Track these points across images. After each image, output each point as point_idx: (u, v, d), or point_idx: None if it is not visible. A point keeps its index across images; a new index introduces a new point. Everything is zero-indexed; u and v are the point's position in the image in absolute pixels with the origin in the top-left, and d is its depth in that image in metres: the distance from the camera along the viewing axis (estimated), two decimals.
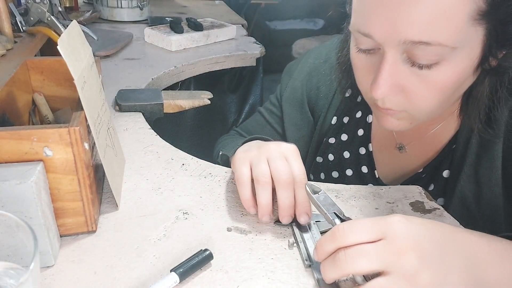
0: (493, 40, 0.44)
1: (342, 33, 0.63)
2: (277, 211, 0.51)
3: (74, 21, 0.48)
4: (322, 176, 0.74)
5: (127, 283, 0.41)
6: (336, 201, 0.56)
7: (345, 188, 0.59)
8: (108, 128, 0.53)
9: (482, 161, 0.55)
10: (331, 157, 0.72)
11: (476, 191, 0.56)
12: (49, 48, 1.01)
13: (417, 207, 0.55)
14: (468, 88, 0.51)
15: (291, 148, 0.52)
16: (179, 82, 1.12)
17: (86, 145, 0.43)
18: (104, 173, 0.49)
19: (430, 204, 0.55)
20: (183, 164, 0.62)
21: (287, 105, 0.76)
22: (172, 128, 1.22)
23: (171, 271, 0.41)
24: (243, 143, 0.61)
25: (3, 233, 0.33)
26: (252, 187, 0.50)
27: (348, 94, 0.69)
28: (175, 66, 1.07)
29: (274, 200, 0.50)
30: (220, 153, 0.69)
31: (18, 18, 0.96)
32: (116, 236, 0.47)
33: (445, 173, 0.60)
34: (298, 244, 0.47)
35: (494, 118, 0.53)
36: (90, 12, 1.42)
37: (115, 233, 0.48)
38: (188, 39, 1.22)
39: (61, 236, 0.46)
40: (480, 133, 0.54)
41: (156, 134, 0.71)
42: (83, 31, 0.51)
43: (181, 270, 0.41)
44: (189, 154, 0.65)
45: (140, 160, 0.62)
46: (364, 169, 0.69)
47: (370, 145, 0.68)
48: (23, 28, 0.96)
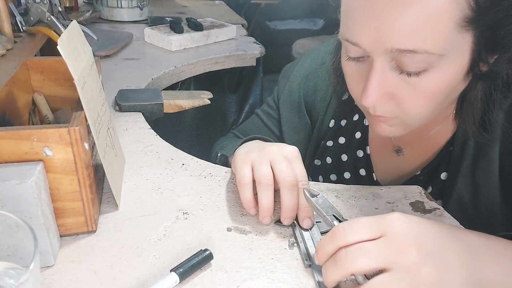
0: (482, 46, 0.44)
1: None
2: (278, 212, 0.51)
3: (74, 21, 0.48)
4: (320, 179, 0.74)
5: (127, 283, 0.41)
6: (336, 201, 0.56)
7: (345, 188, 0.59)
8: (108, 128, 0.53)
9: (479, 163, 0.55)
10: (329, 160, 0.72)
11: (473, 193, 0.56)
12: (49, 48, 1.01)
13: (417, 207, 0.55)
14: (462, 92, 0.51)
15: (293, 151, 0.52)
16: (179, 82, 1.12)
17: (86, 145, 0.43)
18: (104, 173, 0.49)
19: (430, 204, 0.55)
20: (183, 164, 0.62)
21: (285, 108, 0.76)
22: (172, 128, 1.22)
23: (171, 271, 0.41)
24: (242, 143, 0.61)
25: (3, 233, 0.33)
26: (253, 188, 0.50)
27: (345, 97, 0.69)
28: (175, 66, 1.07)
29: (275, 201, 0.50)
30: (219, 154, 0.69)
31: (18, 18, 0.96)
32: (116, 236, 0.47)
33: (443, 175, 0.60)
34: (298, 244, 0.47)
35: (489, 122, 0.52)
36: (90, 12, 1.42)
37: (115, 233, 0.48)
38: (188, 39, 1.22)
39: (61, 236, 0.46)
40: (475, 137, 0.54)
41: (156, 134, 0.71)
42: (83, 31, 0.51)
43: (181, 270, 0.41)
44: (189, 154, 0.65)
45: (140, 160, 0.62)
46: (362, 172, 0.69)
47: (368, 148, 0.68)
48: (23, 28, 0.96)
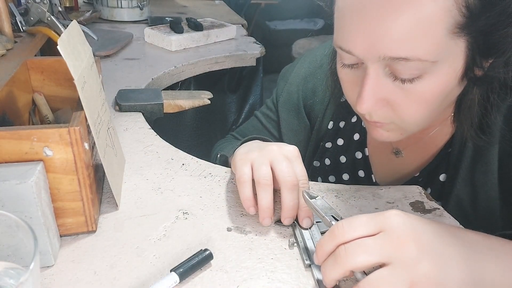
0: (476, 51, 0.44)
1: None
2: (278, 212, 0.51)
3: (74, 21, 0.48)
4: (319, 180, 0.74)
5: (127, 283, 0.41)
6: (336, 201, 0.56)
7: (345, 188, 0.59)
8: (108, 128, 0.53)
9: (478, 165, 0.55)
10: (328, 162, 0.72)
11: (472, 195, 0.56)
12: (49, 48, 1.01)
13: (417, 207, 0.55)
14: (459, 96, 0.51)
15: (293, 150, 0.52)
16: (179, 82, 1.12)
17: (86, 145, 0.43)
18: (104, 173, 0.49)
19: (430, 204, 0.55)
20: (183, 164, 0.62)
21: (284, 110, 0.76)
22: (172, 128, 1.22)
23: (171, 271, 0.41)
24: (242, 143, 0.61)
25: (3, 233, 0.33)
26: (253, 188, 0.50)
27: (343, 100, 0.69)
28: (175, 66, 1.07)
29: (275, 201, 0.50)
30: (219, 155, 0.69)
31: (18, 18, 0.96)
32: (116, 236, 0.47)
33: (442, 177, 0.60)
34: (298, 244, 0.47)
35: (487, 124, 0.52)
36: (90, 12, 1.42)
37: (115, 233, 0.48)
38: (188, 39, 1.22)
39: (61, 236, 0.46)
40: (473, 140, 0.54)
41: (156, 134, 0.71)
42: (83, 31, 0.51)
43: (181, 270, 0.41)
44: (189, 154, 0.65)
45: (140, 160, 0.62)
46: (361, 173, 0.69)
47: (366, 150, 0.68)
48: (23, 28, 0.96)
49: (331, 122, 0.72)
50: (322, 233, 0.49)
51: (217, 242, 0.47)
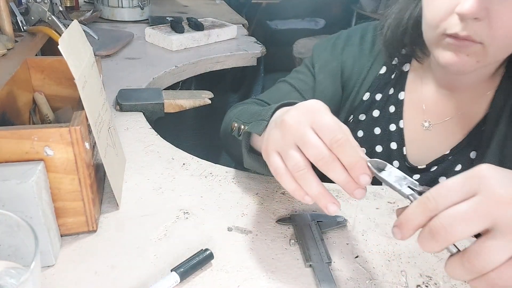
0: None
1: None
2: (280, 211, 0.51)
3: (75, 21, 0.48)
4: None
5: (128, 283, 0.41)
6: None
7: None
8: (109, 128, 0.53)
9: (508, 140, 0.57)
10: (361, 134, 0.73)
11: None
12: (50, 48, 1.01)
13: None
14: None
15: (316, 109, 0.42)
16: (180, 82, 1.12)
17: (87, 145, 0.43)
18: (105, 173, 0.49)
19: None
20: (184, 164, 0.62)
21: (321, 75, 0.75)
22: (173, 128, 1.22)
23: (172, 271, 0.41)
24: (274, 112, 0.48)
25: (4, 233, 0.33)
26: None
27: (383, 71, 0.70)
28: (176, 66, 1.07)
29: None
30: (241, 127, 0.56)
31: (19, 18, 0.96)
32: (117, 236, 0.47)
33: (472, 154, 0.62)
34: (299, 244, 0.47)
35: None
36: (91, 12, 1.42)
37: (116, 233, 0.48)
38: (189, 39, 1.22)
39: (62, 236, 0.46)
40: None
41: (157, 134, 0.71)
42: (84, 31, 0.51)
43: (182, 270, 0.41)
44: (190, 154, 0.65)
45: (141, 160, 0.62)
46: (393, 145, 0.69)
47: (401, 122, 0.69)
48: (24, 28, 0.96)
49: (367, 94, 0.72)
50: (323, 233, 0.49)
51: (218, 242, 0.47)
